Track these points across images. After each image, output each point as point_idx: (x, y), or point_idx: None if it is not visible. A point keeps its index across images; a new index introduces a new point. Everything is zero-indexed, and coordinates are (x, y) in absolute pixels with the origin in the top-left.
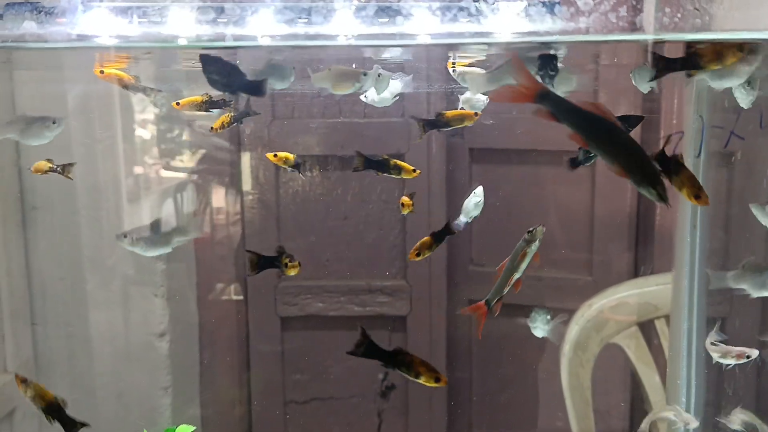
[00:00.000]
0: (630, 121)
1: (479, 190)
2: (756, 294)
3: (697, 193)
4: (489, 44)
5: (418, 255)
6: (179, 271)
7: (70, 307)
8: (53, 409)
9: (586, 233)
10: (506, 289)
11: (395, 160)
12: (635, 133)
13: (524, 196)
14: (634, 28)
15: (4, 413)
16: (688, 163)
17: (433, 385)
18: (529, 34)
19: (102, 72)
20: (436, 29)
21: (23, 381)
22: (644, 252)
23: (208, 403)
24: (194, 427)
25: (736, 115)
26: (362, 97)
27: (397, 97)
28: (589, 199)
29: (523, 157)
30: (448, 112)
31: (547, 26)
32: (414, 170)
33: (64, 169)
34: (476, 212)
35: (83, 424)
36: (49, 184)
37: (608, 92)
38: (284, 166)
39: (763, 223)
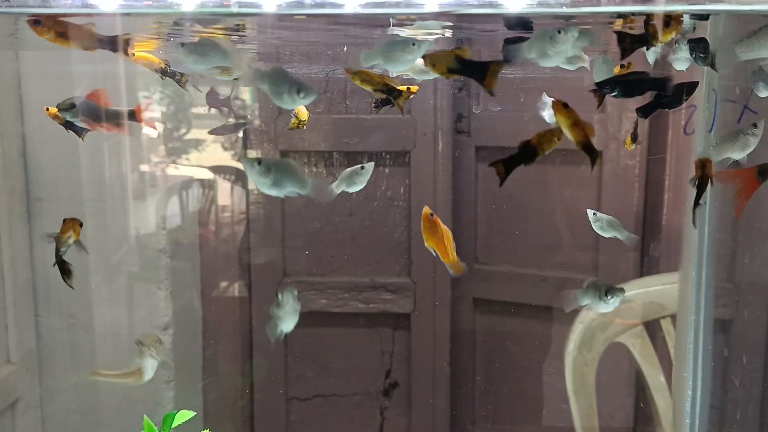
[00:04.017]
0: (685, 89)
1: (369, 165)
2: (601, 309)
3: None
4: (499, 14)
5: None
6: (183, 265)
7: (73, 299)
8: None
9: (591, 233)
10: None
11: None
12: None
13: (530, 194)
14: None
15: (6, 404)
16: (700, 137)
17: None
18: (539, 4)
19: (134, 54)
20: None
21: None
22: (650, 252)
23: (211, 398)
24: (194, 413)
25: (749, 90)
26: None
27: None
28: (596, 198)
29: None
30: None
31: None
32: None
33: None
34: (351, 187)
35: None
36: (55, 176)
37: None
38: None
39: None
